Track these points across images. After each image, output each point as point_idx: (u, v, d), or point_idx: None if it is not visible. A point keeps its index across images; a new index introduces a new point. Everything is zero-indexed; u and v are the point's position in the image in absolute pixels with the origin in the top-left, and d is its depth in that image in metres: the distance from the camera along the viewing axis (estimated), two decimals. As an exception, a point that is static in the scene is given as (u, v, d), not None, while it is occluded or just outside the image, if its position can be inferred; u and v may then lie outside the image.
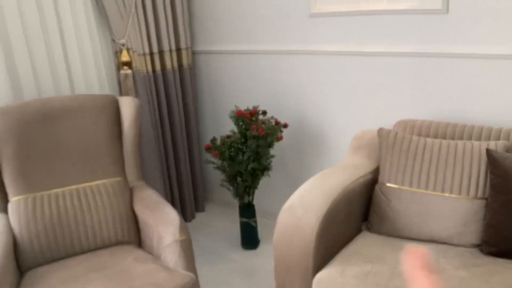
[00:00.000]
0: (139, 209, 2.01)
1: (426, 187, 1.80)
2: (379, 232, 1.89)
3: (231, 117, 2.49)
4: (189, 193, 3.07)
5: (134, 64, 2.54)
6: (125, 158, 2.16)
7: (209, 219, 3.11)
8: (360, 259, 1.70)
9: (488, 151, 1.71)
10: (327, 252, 1.75)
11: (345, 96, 2.45)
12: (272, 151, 2.53)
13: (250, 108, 2.50)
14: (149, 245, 1.95)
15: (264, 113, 2.57)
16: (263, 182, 2.96)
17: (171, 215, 1.86)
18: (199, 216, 3.16)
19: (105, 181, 2.05)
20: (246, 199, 2.63)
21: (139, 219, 2.01)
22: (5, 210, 1.87)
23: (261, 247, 2.71)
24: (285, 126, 2.50)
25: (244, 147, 2.52)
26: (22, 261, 1.81)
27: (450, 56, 2.07)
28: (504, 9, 1.88)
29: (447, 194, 1.76)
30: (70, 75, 2.35)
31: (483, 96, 2.03)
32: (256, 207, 2.70)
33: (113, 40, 2.48)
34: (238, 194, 2.59)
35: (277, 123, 2.49)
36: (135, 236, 2.02)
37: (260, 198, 3.01)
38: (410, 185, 1.82)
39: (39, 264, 1.83)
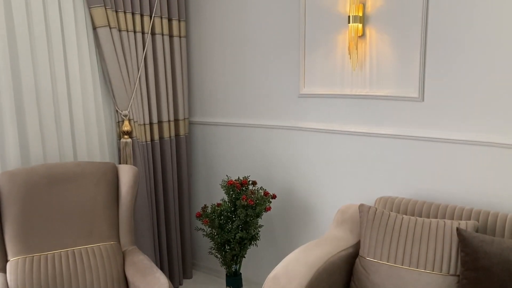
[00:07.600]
0: (130, 273, 2.10)
1: (402, 262, 1.92)
2: (359, 304, 1.99)
3: (222, 186, 2.64)
4: (178, 259, 3.15)
5: (134, 133, 2.72)
6: (120, 223, 2.28)
7: (196, 287, 3.16)
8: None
9: (458, 230, 1.85)
10: (308, 322, 1.83)
11: (332, 170, 2.62)
12: (260, 221, 2.65)
13: (241, 178, 2.65)
14: (138, 309, 2.02)
15: (254, 183, 2.72)
16: (251, 251, 3.06)
17: (161, 280, 1.95)
18: (186, 283, 3.21)
19: (100, 244, 2.15)
20: (233, 268, 2.72)
21: (130, 282, 2.09)
22: (4, 270, 1.97)
23: (246, 315, 2.76)
24: (274, 197, 2.65)
25: (233, 216, 2.64)
26: (14, 321, 1.88)
27: (425, 139, 2.26)
28: (475, 100, 2.10)
29: (421, 270, 1.88)
30: (74, 140, 2.51)
31: (455, 178, 2.21)
32: (243, 276, 2.76)
33: (117, 111, 2.67)
34: (226, 262, 2.67)
35: (265, 193, 2.64)
36: (125, 299, 2.10)
37: (247, 267, 3.09)
38: (388, 259, 1.95)
39: (31, 325, 1.90)
